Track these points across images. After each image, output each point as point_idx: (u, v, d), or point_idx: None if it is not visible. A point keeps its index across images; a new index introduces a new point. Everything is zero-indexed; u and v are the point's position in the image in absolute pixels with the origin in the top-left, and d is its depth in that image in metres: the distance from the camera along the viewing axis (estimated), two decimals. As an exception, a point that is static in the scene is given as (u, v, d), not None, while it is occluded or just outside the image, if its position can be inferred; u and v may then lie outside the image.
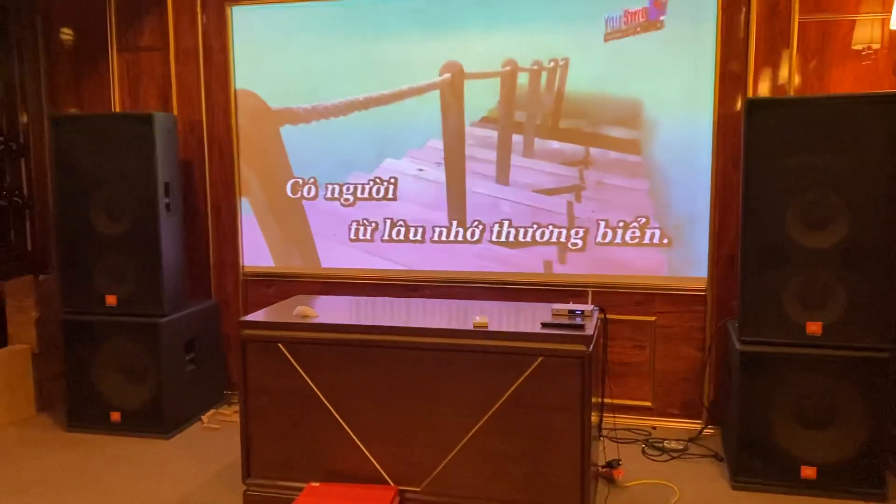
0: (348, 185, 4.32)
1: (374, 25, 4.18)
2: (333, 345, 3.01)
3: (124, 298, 3.97)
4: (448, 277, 4.22)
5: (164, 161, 3.96)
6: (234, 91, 4.39)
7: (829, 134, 3.12)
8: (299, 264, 4.43)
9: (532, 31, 3.97)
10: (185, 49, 4.38)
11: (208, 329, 4.34)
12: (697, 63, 3.81)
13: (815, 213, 3.16)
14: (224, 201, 4.47)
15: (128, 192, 3.92)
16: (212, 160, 4.45)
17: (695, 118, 3.84)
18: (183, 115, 4.41)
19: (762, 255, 3.24)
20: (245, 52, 4.37)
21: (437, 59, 4.12)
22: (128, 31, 4.47)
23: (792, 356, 3.20)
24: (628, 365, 4.05)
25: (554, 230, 4.09)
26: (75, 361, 4.02)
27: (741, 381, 3.27)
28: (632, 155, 3.93)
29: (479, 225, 4.18)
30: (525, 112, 4.06)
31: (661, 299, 3.99)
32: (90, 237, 3.97)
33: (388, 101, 4.23)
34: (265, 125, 4.39)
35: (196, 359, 4.21)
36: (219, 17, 4.35)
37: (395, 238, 4.29)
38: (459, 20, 4.07)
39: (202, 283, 4.51)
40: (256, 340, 3.08)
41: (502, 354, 2.87)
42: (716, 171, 3.83)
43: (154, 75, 4.47)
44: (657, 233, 3.95)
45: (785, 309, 3.22)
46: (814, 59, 3.66)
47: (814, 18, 3.64)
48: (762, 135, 3.20)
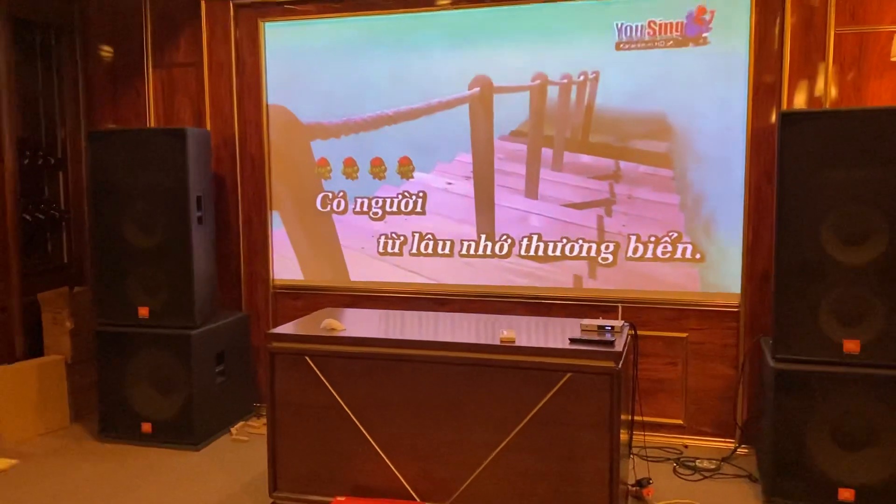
0: (377, 199, 4.34)
1: (403, 40, 4.21)
2: (360, 358, 3.01)
3: (156, 310, 4.02)
4: (476, 291, 4.21)
5: (197, 175, 4.01)
6: (265, 106, 4.44)
7: (867, 147, 3.05)
8: (328, 277, 4.45)
9: (562, 44, 3.96)
10: (218, 65, 4.45)
11: (238, 341, 4.37)
12: (730, 75, 3.76)
13: (851, 228, 3.09)
14: (255, 215, 4.51)
15: (161, 206, 3.98)
16: (243, 174, 4.50)
17: (727, 131, 3.78)
18: (216, 130, 4.47)
19: (797, 271, 3.17)
20: (277, 68, 4.42)
21: (467, 74, 4.12)
22: (163, 48, 4.56)
23: (828, 375, 3.11)
24: (660, 382, 3.99)
25: (584, 244, 4.05)
26: (108, 372, 4.08)
27: (775, 399, 3.19)
28: (663, 169, 3.89)
29: (508, 239, 4.16)
30: (554, 126, 4.04)
31: (694, 315, 3.92)
32: (124, 250, 4.03)
33: (417, 115, 4.25)
34: (296, 139, 4.44)
35: (226, 371, 4.24)
36: (251, 33, 4.41)
37: (424, 252, 4.29)
38: (489, 34, 4.07)
39: (233, 296, 4.55)
40: (284, 353, 3.09)
41: (530, 370, 2.84)
42: (749, 185, 3.76)
43: (188, 91, 4.54)
44: (689, 248, 3.89)
45: (821, 326, 3.14)
46: (851, 71, 3.59)
47: (850, 30, 3.57)
48: (797, 148, 3.14)
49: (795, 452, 3.17)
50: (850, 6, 3.56)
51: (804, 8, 3.61)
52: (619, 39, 3.88)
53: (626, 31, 3.86)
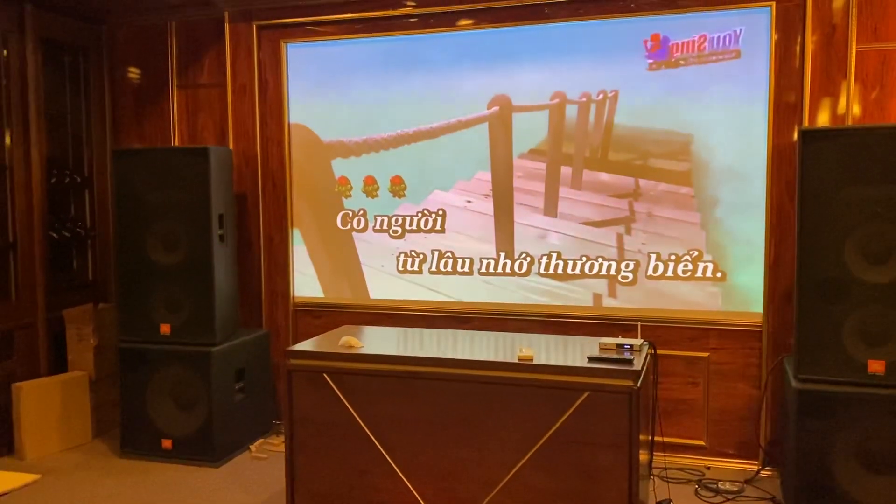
0: (397, 217, 4.36)
1: (423, 60, 4.25)
2: (377, 375, 3.01)
3: (178, 327, 4.06)
4: (496, 310, 4.20)
5: (219, 193, 4.06)
6: (287, 125, 4.50)
7: (888, 164, 3.01)
8: (348, 295, 4.47)
9: (580, 63, 3.97)
10: (241, 85, 4.52)
11: (258, 358, 4.40)
12: (751, 93, 3.74)
13: (875, 247, 3.04)
14: (276, 232, 4.56)
15: (183, 223, 4.03)
16: (265, 192, 4.55)
17: (748, 149, 3.76)
18: (238, 149, 4.53)
19: (820, 290, 3.13)
20: (299, 88, 4.48)
21: (486, 93, 4.15)
22: (188, 69, 4.64)
23: (853, 395, 3.06)
24: (681, 402, 3.94)
25: (603, 263, 4.03)
26: (130, 389, 4.12)
27: (799, 420, 3.14)
28: (683, 187, 3.87)
29: (527, 257, 4.16)
30: (573, 144, 4.04)
31: (715, 334, 3.88)
32: (147, 267, 4.08)
33: (436, 133, 4.27)
34: (317, 158, 4.48)
35: (246, 388, 4.26)
36: (274, 53, 4.48)
37: (443, 270, 4.30)
38: (508, 53, 4.09)
39: (254, 313, 4.58)
40: (302, 370, 3.10)
41: (548, 388, 2.83)
42: (771, 203, 3.73)
43: (212, 110, 4.61)
44: (710, 266, 3.86)
45: (844, 346, 3.09)
46: (874, 89, 3.56)
47: (872, 48, 3.54)
48: (818, 166, 3.11)
49: (820, 475, 3.11)
50: (873, 23, 3.53)
51: (825, 25, 3.59)
52: (638, 59, 3.88)
53: (645, 50, 3.86)
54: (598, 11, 3.91)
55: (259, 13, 4.45)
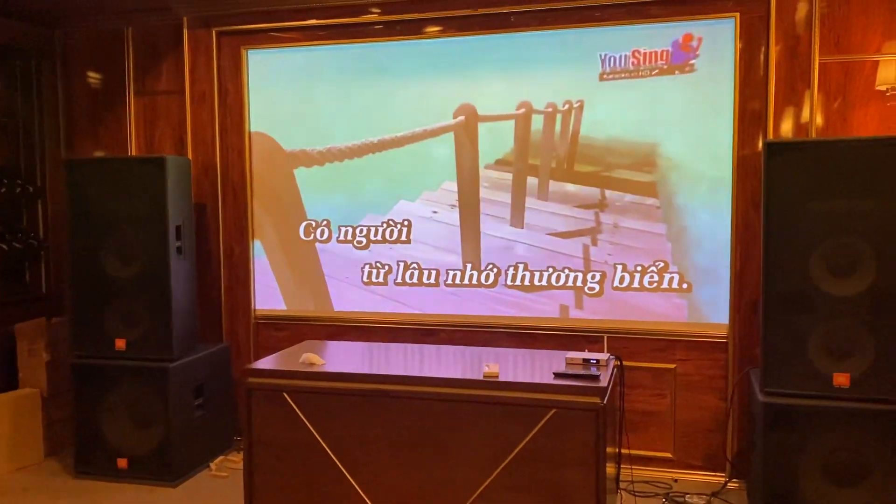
0: (361, 228, 4.28)
1: (388, 68, 4.18)
2: (340, 394, 2.93)
3: (134, 342, 3.93)
4: (462, 322, 4.14)
5: (177, 204, 3.95)
6: (248, 133, 4.39)
7: (854, 178, 3.01)
8: (311, 307, 4.37)
9: (546, 73, 3.93)
10: (200, 92, 4.40)
11: (218, 373, 4.28)
12: (716, 103, 3.73)
13: (840, 260, 3.04)
14: (237, 244, 4.44)
15: (140, 235, 3.91)
16: (225, 203, 4.43)
17: (713, 160, 3.75)
18: (197, 158, 4.42)
19: (785, 303, 3.12)
20: (260, 95, 4.38)
21: (452, 102, 4.09)
22: (145, 76, 4.51)
23: (818, 409, 3.06)
24: (648, 414, 3.91)
25: (570, 274, 3.99)
26: (84, 406, 3.97)
27: (765, 433, 3.13)
28: (649, 198, 3.85)
29: (494, 268, 4.11)
30: (540, 154, 4.00)
31: (682, 346, 3.86)
32: (102, 280, 3.95)
33: (402, 143, 4.20)
34: (279, 167, 4.38)
35: (205, 404, 4.14)
36: (234, 60, 4.37)
37: (409, 281, 4.22)
38: (474, 62, 4.04)
39: (214, 326, 4.46)
40: (261, 389, 3.01)
41: (513, 406, 2.77)
42: (736, 214, 3.73)
43: (170, 118, 4.49)
44: (676, 277, 3.84)
45: (810, 359, 3.09)
46: (836, 99, 3.57)
47: (835, 59, 3.56)
48: (783, 178, 3.10)
49: (786, 488, 3.10)
50: (835, 35, 3.55)
51: (789, 36, 3.60)
52: (604, 70, 3.85)
53: (609, 61, 3.84)
54: (563, 21, 3.88)
55: (219, 19, 4.34)
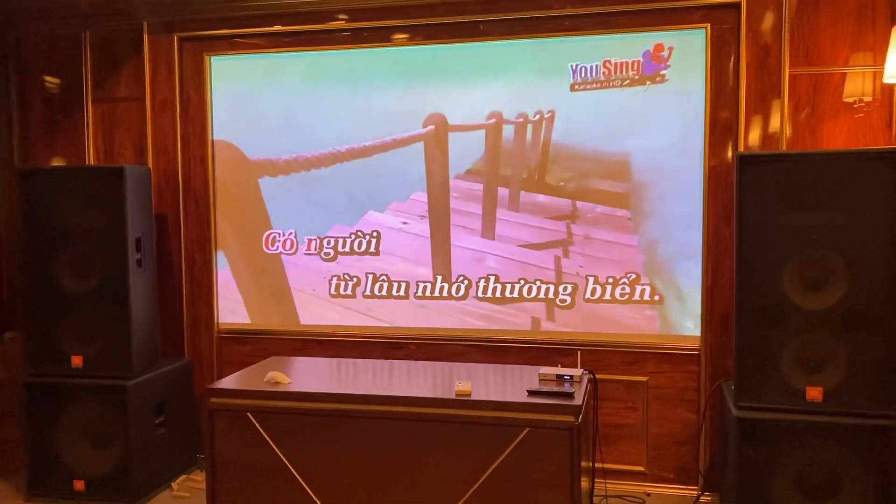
0: (329, 239, 4.18)
1: (356, 76, 4.09)
2: (306, 414, 2.83)
3: (91, 359, 3.78)
4: (433, 335, 4.05)
5: (136, 215, 3.82)
6: (211, 142, 4.27)
7: (825, 190, 3.01)
8: (276, 321, 4.25)
9: (517, 83, 3.88)
10: (161, 99, 4.27)
11: (180, 390, 4.14)
12: (686, 114, 3.72)
13: (812, 273, 3.03)
14: (199, 255, 4.31)
15: (97, 248, 3.77)
16: (187, 213, 4.30)
17: (684, 171, 3.73)
18: (158, 167, 4.28)
19: (758, 316, 3.10)
20: (223, 103, 4.26)
21: (421, 111, 4.02)
22: (104, 82, 4.36)
23: (792, 423, 3.04)
24: (620, 427, 3.87)
25: (541, 286, 3.94)
26: (37, 426, 3.81)
27: (739, 448, 3.10)
28: (620, 209, 3.81)
29: (465, 280, 4.04)
30: (510, 165, 3.94)
31: (654, 358, 3.83)
32: (57, 295, 3.79)
33: (370, 152, 4.12)
34: (243, 177, 4.26)
35: (166, 422, 4.00)
36: (196, 67, 4.25)
37: (378, 294, 4.13)
38: (443, 71, 3.98)
39: (175, 341, 4.32)
40: (224, 409, 2.90)
41: (486, 425, 2.70)
42: (707, 226, 3.71)
43: (130, 126, 4.34)
44: (648, 289, 3.81)
45: (783, 372, 3.07)
46: (805, 110, 3.58)
47: (804, 71, 3.56)
48: (755, 191, 3.08)
49: (760, 502, 3.07)
50: (804, 47, 3.55)
51: (759, 48, 3.59)
52: (575, 80, 3.81)
53: (581, 71, 3.80)
54: (532, 30, 3.83)
55: (181, 24, 4.21)
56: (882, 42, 3.39)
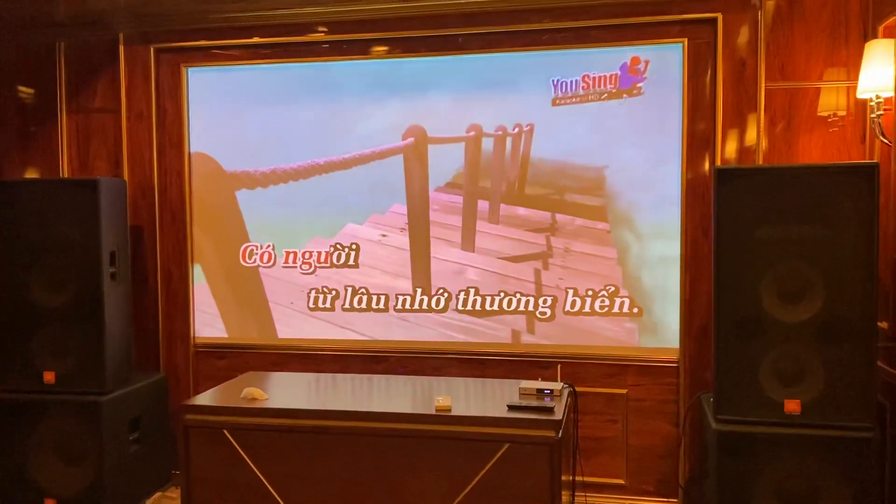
0: (307, 252, 4.15)
1: (335, 88, 4.07)
2: (284, 431, 2.79)
3: (64, 375, 3.71)
4: (413, 348, 4.03)
5: (111, 228, 3.76)
6: (188, 154, 4.22)
7: (801, 204, 3.02)
8: (254, 335, 4.20)
9: (496, 96, 3.89)
10: (137, 111, 4.22)
11: (155, 405, 4.07)
12: (664, 127, 3.74)
13: (789, 286, 3.05)
14: (175, 268, 4.26)
15: (71, 262, 3.69)
16: (163, 226, 4.25)
17: (662, 184, 3.75)
18: (134, 179, 4.22)
19: (736, 329, 3.11)
20: (201, 114, 4.22)
21: (401, 123, 4.01)
22: (79, 93, 4.30)
23: (771, 436, 3.04)
24: (600, 440, 3.86)
25: (522, 298, 3.94)
26: (7, 444, 3.72)
27: (718, 461, 3.10)
28: (599, 222, 3.82)
29: (445, 293, 4.02)
30: (490, 178, 3.94)
31: (633, 371, 3.83)
32: (29, 310, 3.71)
33: (349, 164, 4.10)
34: (220, 189, 4.22)
35: (141, 438, 3.93)
36: (174, 78, 4.21)
37: (357, 307, 4.10)
38: (423, 84, 3.97)
39: (150, 356, 4.25)
40: (200, 426, 2.86)
41: (467, 441, 2.68)
42: (685, 238, 3.73)
43: (105, 138, 4.29)
44: (627, 301, 3.82)
45: (762, 385, 3.08)
46: (781, 124, 3.61)
47: (779, 85, 3.60)
48: (732, 204, 3.10)
49: (740, 516, 3.08)
50: (779, 62, 3.59)
51: (735, 62, 3.63)
52: (555, 95, 3.83)
53: (562, 86, 3.82)
54: (511, 44, 3.85)
55: (157, 35, 4.17)
56: (855, 58, 3.43)
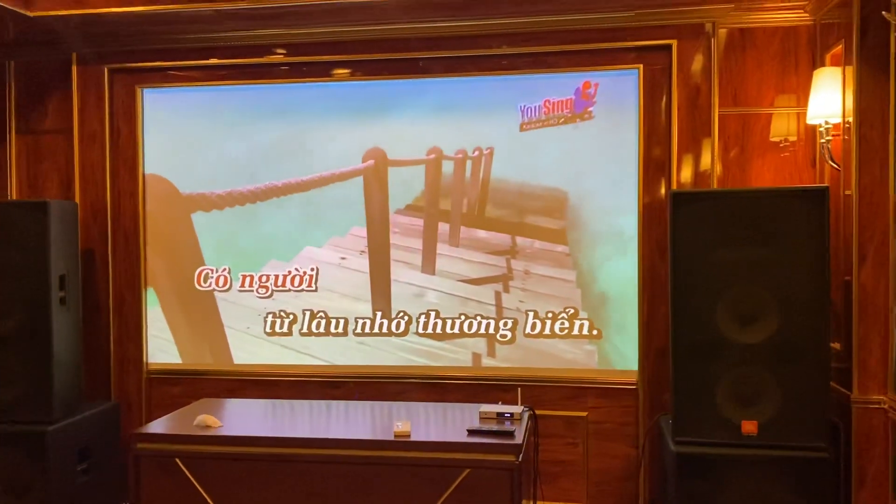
0: (264, 275, 4.08)
1: (294, 110, 4.05)
2: (238, 459, 2.73)
3: (9, 404, 3.58)
4: (372, 372, 3.98)
5: (61, 252, 3.67)
6: (142, 175, 4.14)
7: (755, 227, 3.08)
8: (209, 360, 4.11)
9: (456, 119, 3.90)
10: (90, 132, 4.13)
11: (106, 434, 3.94)
12: (621, 152, 3.79)
13: (744, 308, 3.09)
14: (128, 293, 4.15)
15: (17, 286, 3.59)
16: (116, 249, 4.14)
17: (620, 207, 3.79)
18: (86, 201, 4.12)
19: (693, 351, 3.14)
20: (156, 136, 4.15)
21: (360, 146, 3.99)
22: (29, 113, 4.20)
23: (729, 457, 3.06)
24: (561, 464, 3.85)
25: (482, 321, 3.93)
26: (-54, 478, 3.57)
27: (677, 483, 3.11)
28: (558, 245, 3.85)
29: (405, 316, 3.99)
30: (450, 200, 3.94)
31: (593, 393, 3.84)
32: (-28, 336, 3.60)
33: (308, 187, 4.06)
34: (175, 212, 4.15)
35: (90, 469, 3.80)
36: (128, 99, 4.13)
37: (316, 331, 4.04)
38: (383, 106, 3.97)
39: (101, 383, 4.13)
40: (151, 455, 2.77)
41: (426, 467, 2.64)
42: (642, 261, 3.77)
43: (56, 159, 4.19)
44: (586, 324, 3.83)
45: (719, 407, 3.10)
46: (735, 149, 3.69)
47: (732, 111, 3.68)
48: (688, 227, 3.14)
49: (700, 537, 3.08)
50: (732, 89, 3.68)
51: (690, 88, 3.70)
52: (517, 118, 3.85)
53: (527, 111, 3.84)
54: (471, 68, 3.87)
55: (112, 56, 4.10)
56: (805, 85, 3.53)
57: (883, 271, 2.96)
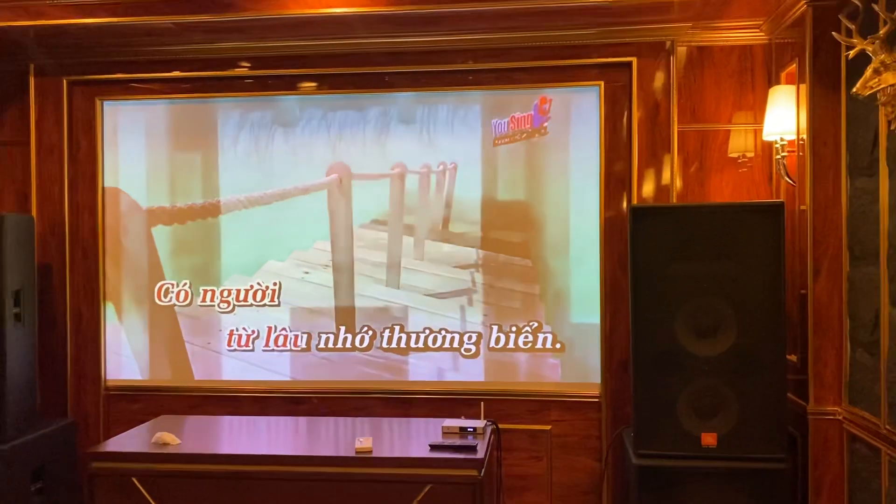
0: (226, 290, 4.04)
1: (258, 123, 4.02)
2: (197, 478, 2.68)
3: (-41, 424, 3.48)
4: (335, 388, 3.95)
5: (16, 267, 3.60)
6: (101, 189, 4.08)
7: (713, 241, 3.13)
8: (169, 377, 4.04)
9: (421, 134, 3.92)
10: (48, 145, 4.05)
11: (62, 452, 3.85)
12: (583, 167, 3.83)
13: (703, 320, 3.13)
14: (86, 308, 4.07)
15: (-30, 302, 3.51)
16: (74, 263, 4.07)
17: (583, 221, 3.83)
18: (43, 215, 4.04)
19: (654, 363, 3.17)
20: (116, 149, 4.09)
21: (324, 160, 3.98)
22: (-16, 125, 4.12)
23: (689, 469, 3.09)
24: (525, 478, 3.85)
25: (447, 335, 3.92)
26: None
27: (639, 495, 3.13)
28: (522, 259, 3.87)
29: (369, 330, 3.97)
30: (415, 215, 3.95)
31: (556, 407, 3.85)
32: (-78, 353, 3.49)
33: (271, 200, 4.04)
34: (135, 225, 4.09)
35: (45, 488, 3.71)
36: (87, 111, 4.07)
37: (278, 346, 4.00)
38: (348, 121, 3.97)
39: (57, 400, 4.03)
40: (106, 474, 2.71)
41: (388, 483, 2.63)
42: (604, 274, 3.80)
43: (13, 172, 4.10)
44: (550, 337, 3.85)
45: (679, 419, 3.13)
46: (694, 164, 3.75)
47: (691, 127, 3.74)
48: (648, 241, 3.18)
49: (661, 550, 3.10)
50: (691, 106, 3.74)
51: (650, 105, 3.75)
52: (478, 131, 3.88)
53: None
54: (436, 83, 3.89)
55: (71, 67, 4.04)
56: (761, 102, 3.61)
57: (836, 284, 3.02)
